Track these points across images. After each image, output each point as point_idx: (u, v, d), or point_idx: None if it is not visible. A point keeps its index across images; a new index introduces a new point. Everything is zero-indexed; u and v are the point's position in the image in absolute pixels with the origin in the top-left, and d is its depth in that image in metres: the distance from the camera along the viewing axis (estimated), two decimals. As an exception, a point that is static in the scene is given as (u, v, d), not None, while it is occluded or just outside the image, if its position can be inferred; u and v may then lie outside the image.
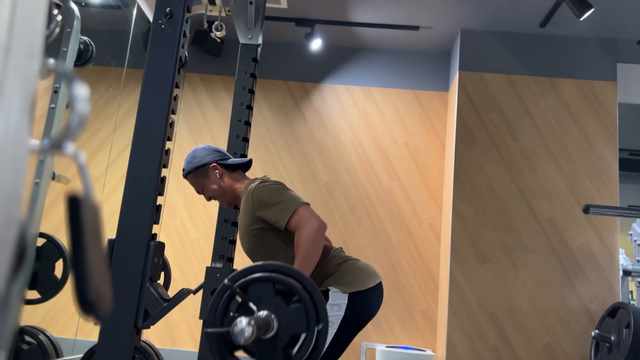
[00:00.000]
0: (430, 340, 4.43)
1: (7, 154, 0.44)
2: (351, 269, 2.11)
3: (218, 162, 2.21)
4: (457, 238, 4.19)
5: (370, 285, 2.07)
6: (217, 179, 2.20)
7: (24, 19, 0.46)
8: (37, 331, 2.90)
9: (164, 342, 4.46)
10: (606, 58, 4.41)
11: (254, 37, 2.67)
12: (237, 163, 2.25)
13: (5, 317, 0.46)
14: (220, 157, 2.23)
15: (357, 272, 2.10)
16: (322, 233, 1.97)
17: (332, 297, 2.03)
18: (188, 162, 2.21)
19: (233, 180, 2.22)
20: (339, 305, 2.02)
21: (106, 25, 4.29)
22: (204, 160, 2.20)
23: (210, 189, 2.21)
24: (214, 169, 2.20)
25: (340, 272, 2.09)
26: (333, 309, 2.02)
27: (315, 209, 4.73)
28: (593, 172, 4.23)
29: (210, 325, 1.41)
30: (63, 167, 3.14)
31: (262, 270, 1.44)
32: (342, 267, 2.11)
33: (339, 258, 2.14)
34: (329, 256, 2.14)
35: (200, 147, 2.25)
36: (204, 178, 2.21)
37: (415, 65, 4.91)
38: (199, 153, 2.22)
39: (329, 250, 2.17)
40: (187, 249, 4.64)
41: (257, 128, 4.81)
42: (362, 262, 2.18)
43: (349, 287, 2.04)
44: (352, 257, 2.18)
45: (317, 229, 1.95)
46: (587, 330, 3.98)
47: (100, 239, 0.52)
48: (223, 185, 2.20)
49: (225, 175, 2.21)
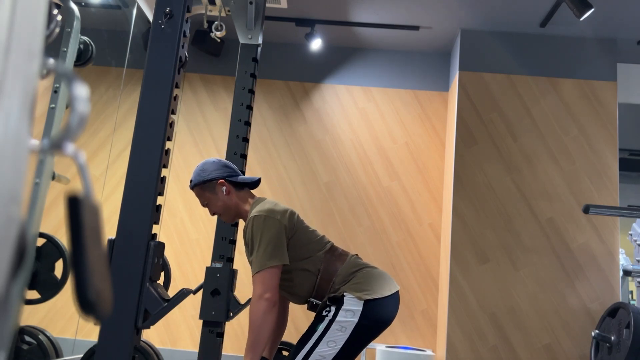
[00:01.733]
0: (430, 340, 4.43)
1: (7, 154, 0.44)
2: (368, 276, 2.11)
3: (226, 179, 2.19)
4: (457, 238, 4.19)
5: (387, 294, 2.07)
6: (223, 196, 2.18)
7: (24, 19, 0.46)
8: (37, 331, 2.90)
9: (164, 342, 4.46)
10: (606, 58, 4.41)
11: (254, 37, 2.67)
12: (246, 181, 2.24)
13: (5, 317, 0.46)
14: (230, 173, 2.21)
15: (374, 280, 2.10)
16: (269, 307, 1.98)
17: (347, 302, 2.04)
18: (196, 174, 2.20)
19: (239, 198, 2.21)
20: (353, 311, 2.02)
21: (106, 25, 4.29)
22: (212, 175, 2.18)
23: (215, 205, 2.20)
24: (221, 185, 2.18)
25: (357, 278, 2.09)
26: (347, 314, 2.02)
27: (315, 209, 4.75)
28: (593, 172, 4.23)
29: None
30: (63, 167, 3.14)
31: None
32: (359, 274, 2.11)
33: (355, 265, 2.14)
34: (345, 263, 2.14)
35: (211, 161, 2.23)
36: (210, 193, 2.19)
37: (415, 65, 4.91)
38: (208, 167, 2.20)
39: (344, 257, 2.16)
40: (187, 249, 4.64)
41: (257, 128, 4.81)
42: (379, 269, 2.18)
43: (365, 294, 2.04)
44: (369, 264, 2.18)
45: (265, 304, 1.97)
46: (587, 330, 3.98)
47: (100, 239, 0.52)
48: (228, 203, 2.19)
49: (231, 193, 2.19)
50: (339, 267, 2.11)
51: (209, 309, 2.40)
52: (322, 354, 1.99)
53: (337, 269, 2.10)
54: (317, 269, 2.10)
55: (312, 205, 4.67)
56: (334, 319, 2.02)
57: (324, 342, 2.00)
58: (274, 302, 1.99)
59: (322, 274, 2.10)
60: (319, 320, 2.06)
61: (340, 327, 2.01)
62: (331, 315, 2.03)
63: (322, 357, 1.99)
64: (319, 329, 2.03)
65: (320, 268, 2.10)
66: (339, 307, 2.03)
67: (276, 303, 2.00)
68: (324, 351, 1.99)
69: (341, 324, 2.01)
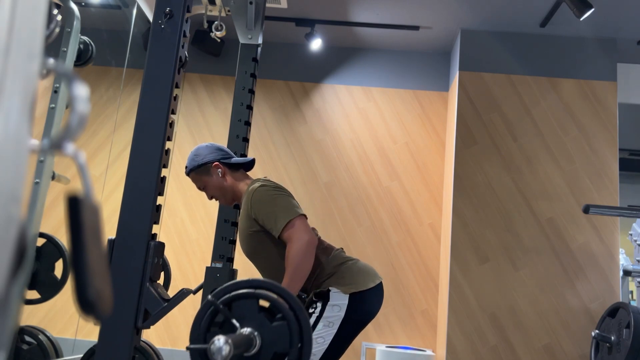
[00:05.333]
0: (430, 340, 4.43)
1: (7, 154, 0.44)
2: (352, 269, 2.11)
3: (220, 161, 2.21)
4: (457, 238, 4.19)
5: (371, 286, 2.08)
6: (219, 178, 2.20)
7: (24, 19, 0.46)
8: (37, 331, 2.89)
9: (164, 342, 4.46)
10: (606, 58, 4.41)
11: (254, 37, 2.67)
12: (240, 162, 2.25)
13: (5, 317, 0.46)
14: (223, 155, 2.23)
15: (358, 272, 2.11)
16: (312, 248, 1.97)
17: (333, 297, 2.04)
18: (191, 160, 2.22)
19: (235, 179, 2.22)
20: (340, 305, 2.03)
21: (106, 25, 4.29)
22: (207, 159, 2.20)
23: (212, 188, 2.21)
24: (216, 168, 2.20)
25: (341, 272, 2.09)
26: (333, 309, 2.02)
27: (316, 209, 4.75)
28: (593, 172, 4.23)
29: (193, 341, 1.40)
30: (63, 167, 3.14)
31: (247, 286, 1.41)
32: (343, 268, 2.11)
33: (339, 259, 2.15)
34: (329, 257, 2.14)
35: (204, 145, 2.25)
36: (206, 176, 2.21)
37: (415, 65, 4.91)
38: (202, 151, 2.23)
39: (329, 251, 2.17)
40: (187, 249, 4.64)
41: (257, 128, 4.81)
42: (362, 262, 2.18)
43: (350, 287, 2.05)
44: (352, 258, 2.18)
45: (307, 243, 1.96)
46: (587, 330, 3.97)
47: (100, 239, 0.52)
48: (225, 184, 2.20)
49: (227, 175, 2.21)
50: (323, 260, 2.11)
51: (209, 309, 2.39)
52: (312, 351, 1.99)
53: (322, 261, 2.11)
54: None
55: (312, 205, 4.67)
56: (321, 316, 2.03)
57: (313, 339, 2.01)
58: (315, 243, 1.99)
59: None
60: None
61: (328, 323, 2.01)
62: (318, 312, 2.04)
63: (312, 354, 1.99)
64: None
65: None
66: (325, 303, 2.04)
67: (315, 242, 2.00)
68: (313, 348, 1.99)
69: (329, 320, 2.01)
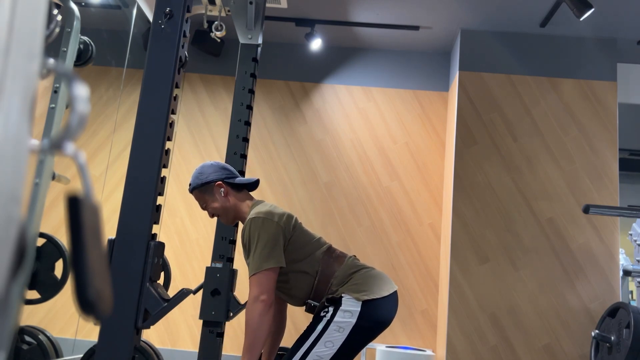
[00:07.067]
0: (430, 340, 4.43)
1: (7, 154, 0.44)
2: (366, 277, 2.11)
3: (224, 180, 2.21)
4: (457, 238, 4.19)
5: (385, 294, 2.07)
6: (222, 198, 2.20)
7: (24, 19, 0.46)
8: (37, 331, 2.90)
9: (164, 342, 4.46)
10: (606, 58, 4.41)
11: (254, 37, 2.67)
12: (244, 182, 2.25)
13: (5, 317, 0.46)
14: (227, 175, 2.23)
15: (372, 280, 2.11)
16: (264, 306, 1.98)
17: (345, 303, 2.04)
18: (195, 178, 2.22)
19: (237, 199, 2.22)
20: (351, 312, 2.02)
21: (106, 25, 4.29)
22: (210, 178, 2.20)
23: (214, 207, 2.21)
24: (219, 187, 2.20)
25: (355, 279, 2.09)
26: (345, 315, 2.02)
27: (316, 209, 4.75)
28: (593, 172, 4.23)
29: None
30: (63, 167, 3.14)
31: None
32: (357, 275, 2.11)
33: (353, 266, 2.15)
34: (342, 265, 2.14)
35: (208, 164, 2.25)
36: (209, 195, 2.21)
37: (415, 65, 4.91)
38: (206, 170, 2.22)
39: (342, 259, 2.17)
40: (187, 249, 4.64)
41: (257, 128, 4.81)
42: (376, 270, 2.18)
43: (363, 294, 2.04)
44: (366, 265, 2.18)
45: (257, 302, 1.97)
46: (587, 330, 3.98)
47: (100, 239, 0.52)
48: (227, 204, 2.20)
49: (230, 194, 2.21)
50: (337, 269, 2.11)
51: (209, 309, 2.40)
52: (320, 354, 1.99)
53: (335, 270, 2.11)
54: (315, 271, 2.11)
55: (312, 205, 4.67)
56: (331, 320, 2.02)
57: (322, 342, 2.00)
58: (270, 304, 1.99)
59: (319, 276, 2.10)
60: (317, 321, 2.06)
61: (338, 328, 2.01)
62: (329, 316, 2.03)
63: (319, 357, 1.99)
64: (317, 330, 2.03)
65: (318, 270, 2.11)
66: (337, 308, 2.04)
67: (272, 305, 2.01)
68: (322, 351, 1.99)
69: (339, 325, 2.01)
